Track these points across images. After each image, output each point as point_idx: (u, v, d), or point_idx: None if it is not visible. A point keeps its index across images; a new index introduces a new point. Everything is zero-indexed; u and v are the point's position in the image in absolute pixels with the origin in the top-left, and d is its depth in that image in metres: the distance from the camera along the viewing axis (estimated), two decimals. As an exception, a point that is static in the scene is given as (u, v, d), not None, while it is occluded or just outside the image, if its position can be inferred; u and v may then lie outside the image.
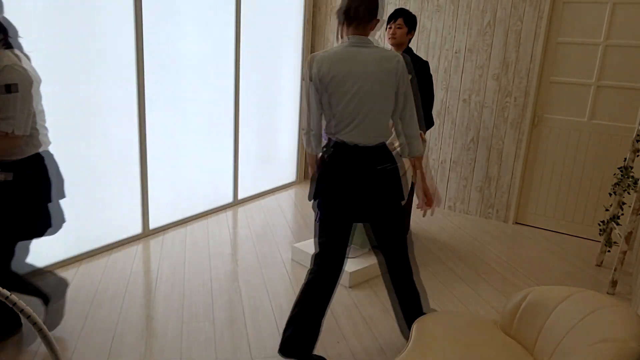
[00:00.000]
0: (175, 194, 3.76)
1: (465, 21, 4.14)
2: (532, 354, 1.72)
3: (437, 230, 4.01)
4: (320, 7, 4.88)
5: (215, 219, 4.00)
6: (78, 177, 3.04)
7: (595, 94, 3.79)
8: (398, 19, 3.33)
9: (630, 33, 3.61)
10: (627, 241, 3.05)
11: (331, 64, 1.98)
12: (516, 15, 3.92)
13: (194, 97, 3.77)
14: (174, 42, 3.52)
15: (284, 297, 2.83)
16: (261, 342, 2.38)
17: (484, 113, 4.18)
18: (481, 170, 4.28)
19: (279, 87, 4.71)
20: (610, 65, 3.71)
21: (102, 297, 2.71)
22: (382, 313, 2.71)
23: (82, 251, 3.15)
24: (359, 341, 2.43)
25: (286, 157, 5.01)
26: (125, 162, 3.31)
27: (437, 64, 4.32)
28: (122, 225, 3.38)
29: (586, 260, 3.58)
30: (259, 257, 3.33)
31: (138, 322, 2.50)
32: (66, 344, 2.29)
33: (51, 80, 2.80)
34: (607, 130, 3.79)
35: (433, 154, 4.50)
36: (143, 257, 3.23)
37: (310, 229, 3.88)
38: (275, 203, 4.49)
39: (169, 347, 2.31)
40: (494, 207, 4.29)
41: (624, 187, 3.27)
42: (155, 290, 2.83)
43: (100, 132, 3.12)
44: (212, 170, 4.10)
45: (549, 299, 1.74)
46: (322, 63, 1.99)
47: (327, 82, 1.99)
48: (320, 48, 4.96)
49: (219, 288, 2.88)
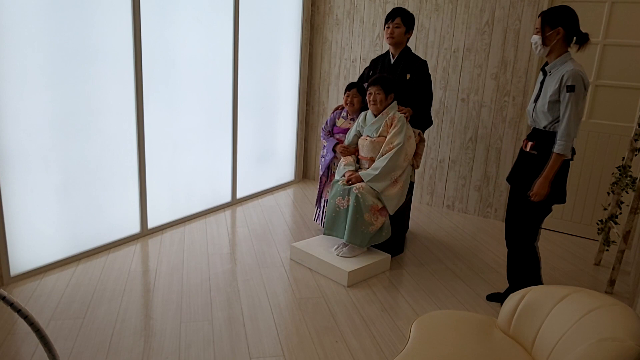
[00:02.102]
0: (173, 193, 3.76)
1: (464, 20, 4.14)
2: (531, 353, 1.73)
3: (436, 229, 4.02)
4: (319, 6, 4.87)
5: (213, 218, 4.00)
6: (76, 176, 3.03)
7: (594, 93, 3.79)
8: (396, 19, 3.32)
9: (629, 32, 3.61)
10: (625, 240, 3.05)
11: None
12: (514, 14, 3.92)
13: (192, 96, 3.77)
14: (172, 41, 3.51)
15: (283, 296, 2.83)
16: (259, 341, 2.38)
17: (483, 112, 4.19)
18: (479, 169, 4.29)
19: (277, 86, 4.71)
20: (608, 65, 3.72)
21: (100, 297, 2.71)
22: (381, 312, 2.71)
23: (80, 250, 3.14)
24: (358, 340, 2.43)
25: (284, 156, 5.01)
26: (124, 161, 3.31)
27: (435, 63, 4.32)
28: (120, 224, 3.37)
29: (584, 260, 3.58)
30: (257, 257, 3.33)
31: (136, 321, 2.50)
32: (64, 344, 2.28)
33: (49, 80, 2.79)
34: (605, 129, 3.79)
35: (431, 153, 4.50)
36: (141, 256, 3.23)
37: (308, 228, 3.88)
38: (274, 202, 4.49)
39: (167, 347, 2.31)
40: (493, 206, 4.29)
41: (622, 186, 3.27)
42: (153, 289, 2.82)
43: (99, 131, 3.11)
44: (211, 170, 4.09)
45: (547, 298, 1.74)
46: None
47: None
48: (318, 47, 4.95)
49: (218, 287, 2.88)
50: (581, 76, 2.35)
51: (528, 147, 2.57)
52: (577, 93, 2.34)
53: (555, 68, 2.47)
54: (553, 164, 2.43)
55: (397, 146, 3.12)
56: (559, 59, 2.46)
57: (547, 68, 2.52)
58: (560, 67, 2.44)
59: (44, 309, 2.56)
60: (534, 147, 2.53)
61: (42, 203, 2.88)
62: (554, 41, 2.45)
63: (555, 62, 2.47)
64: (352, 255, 3.15)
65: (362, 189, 3.08)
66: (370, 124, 3.26)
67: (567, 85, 2.35)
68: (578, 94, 2.34)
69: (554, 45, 2.46)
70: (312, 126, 5.20)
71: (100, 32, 3.01)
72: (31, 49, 2.68)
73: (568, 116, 2.36)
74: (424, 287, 3.04)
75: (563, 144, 2.38)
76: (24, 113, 2.71)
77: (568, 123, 2.36)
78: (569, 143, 2.38)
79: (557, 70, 2.45)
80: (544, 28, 2.46)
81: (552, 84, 2.44)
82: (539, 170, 2.50)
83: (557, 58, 2.47)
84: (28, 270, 2.88)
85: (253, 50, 4.29)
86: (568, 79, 2.35)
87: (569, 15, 2.43)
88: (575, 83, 2.34)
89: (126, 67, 3.20)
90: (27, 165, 2.77)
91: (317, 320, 2.59)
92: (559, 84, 2.39)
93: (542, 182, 2.46)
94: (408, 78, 3.37)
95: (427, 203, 4.61)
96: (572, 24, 2.44)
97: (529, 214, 2.59)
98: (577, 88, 2.34)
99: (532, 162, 2.54)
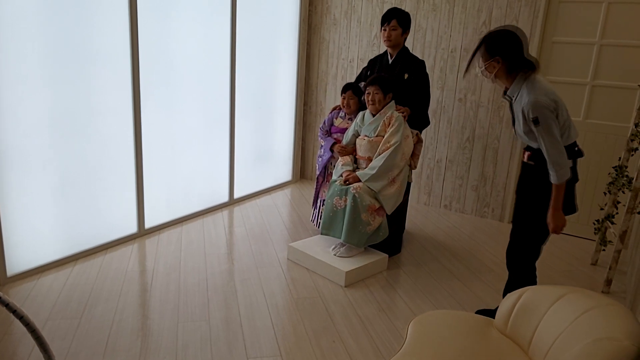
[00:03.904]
0: (171, 193, 3.75)
1: (461, 20, 4.14)
2: (527, 353, 1.73)
3: (433, 229, 4.02)
4: (317, 6, 4.87)
5: (211, 218, 3.99)
6: (73, 176, 3.02)
7: (591, 94, 3.80)
8: (392, 21, 3.31)
9: (625, 32, 3.62)
10: (622, 240, 3.06)
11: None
12: (512, 14, 3.93)
13: (190, 96, 3.76)
14: (170, 41, 3.50)
15: (280, 296, 2.83)
16: (257, 341, 2.38)
17: (480, 112, 4.19)
18: (477, 169, 4.29)
19: (275, 86, 4.71)
20: (605, 65, 3.73)
21: (97, 297, 2.70)
22: (378, 312, 2.71)
23: (77, 250, 3.13)
24: (355, 340, 2.44)
25: (282, 156, 5.01)
26: (121, 161, 3.30)
27: (433, 63, 4.32)
28: (117, 224, 3.37)
29: (581, 259, 3.59)
30: (254, 257, 3.32)
31: (133, 321, 2.49)
32: (61, 344, 2.28)
33: (47, 80, 2.79)
34: (602, 129, 3.80)
35: (429, 153, 4.50)
36: (138, 256, 3.22)
37: (306, 227, 3.88)
38: (271, 202, 4.48)
39: (164, 347, 2.30)
40: (490, 206, 4.30)
41: (618, 186, 3.28)
42: (150, 289, 2.82)
43: (96, 131, 3.10)
44: (208, 170, 4.09)
45: (543, 298, 1.75)
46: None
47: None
48: (316, 47, 4.95)
49: (215, 287, 2.88)
50: (542, 104, 2.16)
51: (526, 158, 2.44)
52: (544, 122, 2.16)
53: (514, 93, 2.29)
54: (556, 194, 2.27)
55: (394, 145, 3.12)
56: (514, 84, 2.27)
57: (508, 94, 2.33)
58: (519, 92, 2.26)
59: (40, 309, 2.55)
60: (530, 157, 2.40)
61: (39, 203, 2.87)
62: (496, 70, 2.26)
63: (513, 87, 2.28)
64: (349, 255, 3.15)
65: (360, 188, 3.08)
66: (368, 124, 3.27)
67: (531, 119, 2.19)
68: (546, 121, 2.16)
69: (498, 73, 2.27)
70: (309, 126, 5.20)
71: (98, 32, 3.00)
72: (29, 49, 2.68)
73: (545, 148, 2.21)
74: (421, 286, 3.05)
75: (554, 174, 2.23)
76: (21, 113, 2.70)
77: (549, 153, 2.21)
78: (560, 170, 2.22)
79: (519, 95, 2.26)
80: (483, 56, 2.27)
81: (519, 111, 2.28)
82: (538, 181, 2.37)
83: (513, 82, 2.28)
84: (25, 270, 2.87)
85: (250, 50, 4.28)
86: (528, 112, 2.18)
87: (508, 43, 2.22)
88: (537, 115, 2.17)
89: (124, 67, 3.19)
90: (24, 165, 2.76)
91: (315, 320, 2.59)
92: (523, 115, 2.23)
93: (553, 213, 2.31)
94: (406, 78, 3.37)
95: (425, 203, 4.62)
96: (513, 52, 2.22)
97: (533, 227, 2.45)
98: (542, 118, 2.16)
99: (531, 172, 2.42)
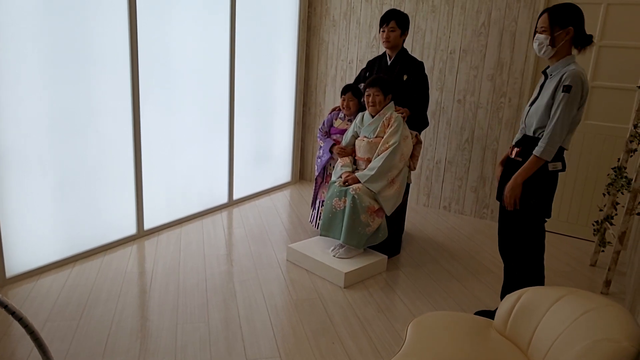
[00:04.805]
0: (170, 194, 3.75)
1: (460, 22, 4.15)
2: (527, 354, 1.73)
3: (432, 231, 4.02)
4: (316, 7, 4.88)
5: (210, 219, 3.99)
6: (72, 177, 3.02)
7: (590, 95, 3.80)
8: (390, 22, 3.31)
9: (624, 34, 3.62)
10: (621, 241, 3.06)
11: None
12: (511, 15, 3.93)
13: (189, 97, 3.76)
14: (169, 42, 3.50)
15: (279, 297, 2.82)
16: (256, 343, 2.38)
17: (479, 113, 4.20)
18: (476, 170, 4.29)
19: (274, 88, 4.71)
20: (604, 66, 3.73)
21: (96, 298, 2.70)
22: (377, 313, 2.71)
23: (76, 252, 3.13)
24: (354, 341, 2.43)
25: (281, 157, 5.01)
26: (120, 162, 3.30)
27: (432, 64, 4.33)
28: (116, 225, 3.36)
29: (580, 260, 3.59)
30: (254, 258, 3.32)
31: (132, 323, 2.49)
32: (60, 346, 2.27)
33: (46, 81, 2.79)
34: (600, 130, 3.81)
35: (428, 154, 4.50)
36: (138, 257, 3.22)
37: (305, 229, 3.88)
38: (271, 203, 4.48)
39: (163, 348, 2.30)
40: (489, 207, 4.30)
41: (617, 187, 3.28)
42: (149, 291, 2.81)
43: (95, 132, 3.10)
44: (207, 171, 4.09)
45: (543, 299, 1.75)
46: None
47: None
48: (315, 48, 4.96)
49: (214, 288, 2.88)
50: (581, 79, 2.20)
51: (514, 154, 2.42)
52: (572, 95, 2.18)
53: (557, 70, 2.31)
54: (529, 166, 2.26)
55: (392, 145, 3.13)
56: (562, 61, 2.30)
57: (548, 70, 2.36)
58: (562, 69, 2.29)
59: (39, 310, 2.55)
60: (519, 153, 2.38)
61: (38, 204, 2.87)
62: (562, 42, 2.28)
63: (558, 65, 2.31)
64: (348, 257, 3.15)
65: (359, 190, 3.08)
66: (368, 125, 3.27)
67: (564, 85, 2.20)
68: (573, 96, 2.19)
69: (560, 47, 2.29)
70: (308, 127, 5.20)
71: (98, 33, 3.00)
72: (28, 50, 2.67)
73: (557, 118, 2.20)
74: (420, 288, 3.04)
75: (544, 146, 2.22)
76: (20, 114, 2.70)
77: (555, 125, 2.21)
78: (551, 147, 2.22)
79: (559, 72, 2.29)
80: (553, 27, 2.27)
81: (551, 86, 2.30)
82: None
83: (560, 60, 2.31)
84: (24, 271, 2.87)
85: (250, 51, 4.29)
86: (567, 78, 2.20)
87: (579, 15, 2.29)
88: (572, 84, 2.19)
89: (123, 68, 3.19)
90: (23, 166, 2.76)
91: (314, 322, 2.59)
92: (557, 83, 2.26)
93: (512, 183, 2.29)
94: (405, 79, 3.37)
95: (424, 204, 4.62)
96: (582, 24, 2.29)
97: (523, 231, 2.42)
98: (574, 90, 2.18)
99: (516, 169, 2.36)
